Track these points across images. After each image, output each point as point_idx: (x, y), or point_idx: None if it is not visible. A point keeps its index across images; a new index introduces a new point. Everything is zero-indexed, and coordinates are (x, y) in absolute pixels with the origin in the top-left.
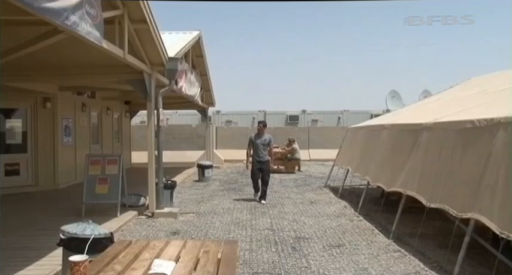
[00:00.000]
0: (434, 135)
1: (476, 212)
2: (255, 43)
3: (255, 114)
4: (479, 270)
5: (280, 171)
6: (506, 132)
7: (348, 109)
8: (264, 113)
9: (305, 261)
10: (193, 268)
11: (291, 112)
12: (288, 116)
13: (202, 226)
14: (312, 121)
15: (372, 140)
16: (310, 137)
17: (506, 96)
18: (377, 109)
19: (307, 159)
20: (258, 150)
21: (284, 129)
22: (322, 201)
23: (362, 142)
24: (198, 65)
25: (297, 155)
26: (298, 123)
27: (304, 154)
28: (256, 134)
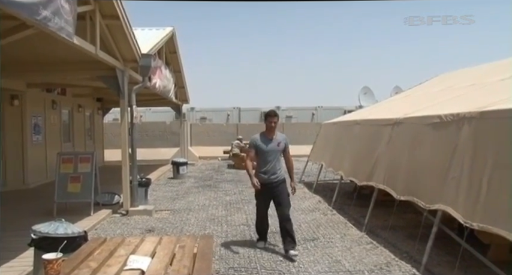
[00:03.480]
0: (404, 130)
1: (443, 204)
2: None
3: (229, 111)
4: (445, 258)
5: None
6: (471, 126)
7: (321, 105)
8: (239, 109)
9: (280, 255)
10: (169, 263)
11: (265, 109)
12: (263, 113)
13: (177, 223)
14: (286, 117)
15: (345, 135)
16: (285, 133)
17: (470, 92)
18: (350, 105)
19: None
20: (267, 161)
21: (259, 126)
22: (296, 196)
23: (335, 137)
24: (172, 62)
25: None
26: None
27: None
28: (264, 135)
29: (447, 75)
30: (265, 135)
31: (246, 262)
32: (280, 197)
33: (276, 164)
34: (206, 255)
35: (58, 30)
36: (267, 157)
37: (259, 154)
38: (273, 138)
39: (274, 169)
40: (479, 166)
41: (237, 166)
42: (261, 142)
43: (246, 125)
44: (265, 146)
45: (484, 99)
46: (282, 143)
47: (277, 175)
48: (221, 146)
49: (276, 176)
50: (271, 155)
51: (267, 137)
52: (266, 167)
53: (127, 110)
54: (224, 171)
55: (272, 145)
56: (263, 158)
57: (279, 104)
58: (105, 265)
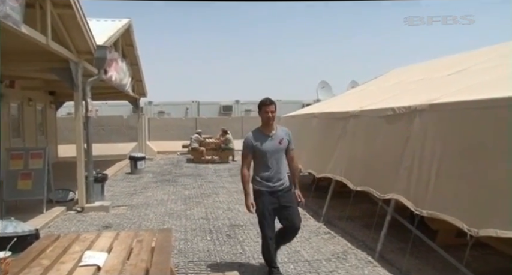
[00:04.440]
0: (360, 123)
1: (396, 193)
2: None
3: (188, 104)
4: (398, 245)
5: (214, 161)
6: (421, 118)
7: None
8: (198, 103)
9: (240, 247)
10: (127, 257)
11: (224, 102)
12: (222, 107)
13: (135, 218)
14: (245, 111)
15: (303, 128)
16: (244, 127)
17: (421, 86)
18: (308, 99)
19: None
20: (269, 166)
21: (218, 119)
22: None
23: (293, 130)
24: (129, 55)
25: (230, 145)
26: (231, 113)
27: (238, 144)
28: (260, 131)
29: (400, 70)
30: (261, 132)
31: (206, 256)
32: (288, 208)
33: (281, 167)
34: (164, 248)
35: (3, 18)
36: (267, 159)
37: (257, 157)
38: (272, 134)
39: (278, 175)
40: (429, 156)
41: (196, 160)
42: (257, 140)
43: (205, 119)
44: (264, 145)
45: (433, 92)
46: (284, 139)
47: (283, 180)
48: (180, 140)
49: (281, 182)
50: (273, 157)
51: (264, 134)
52: (268, 173)
53: (81, 103)
54: (183, 165)
55: (272, 143)
56: (263, 162)
57: (239, 97)
58: (59, 262)
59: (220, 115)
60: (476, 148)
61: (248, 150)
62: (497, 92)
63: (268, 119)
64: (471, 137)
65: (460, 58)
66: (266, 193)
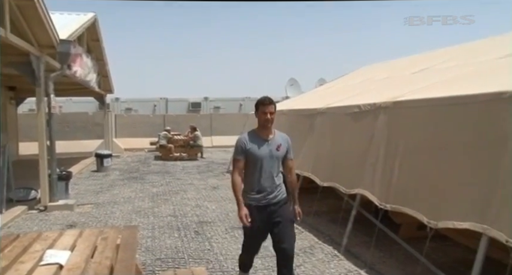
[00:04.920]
0: (326, 119)
1: (361, 188)
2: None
3: (156, 101)
4: (363, 239)
5: (182, 158)
6: (386, 115)
7: (249, 96)
8: (166, 100)
9: (208, 244)
10: (91, 255)
11: (193, 99)
12: (190, 103)
13: (101, 216)
14: (214, 108)
15: None
16: (213, 124)
17: (386, 84)
18: (277, 96)
19: (209, 146)
20: (262, 174)
21: (186, 116)
22: (224, 186)
23: None
24: (94, 50)
25: (199, 142)
26: (200, 110)
27: (206, 141)
28: (255, 134)
29: (367, 68)
30: (257, 135)
31: (173, 252)
32: (281, 226)
33: (275, 177)
34: (130, 245)
35: None
36: (261, 167)
37: (249, 164)
38: (269, 139)
39: (272, 185)
40: (392, 152)
41: (164, 157)
42: (251, 144)
43: (173, 116)
44: (259, 150)
45: (397, 90)
46: (283, 146)
47: (277, 193)
48: (148, 137)
49: (275, 195)
50: (268, 165)
51: (260, 137)
52: (260, 182)
53: (44, 99)
54: (151, 163)
55: (269, 148)
56: (256, 169)
57: (207, 94)
58: (18, 262)
59: (189, 112)
60: (436, 143)
61: (240, 154)
62: (457, 90)
63: (266, 121)
64: (432, 133)
65: (424, 57)
66: (255, 208)
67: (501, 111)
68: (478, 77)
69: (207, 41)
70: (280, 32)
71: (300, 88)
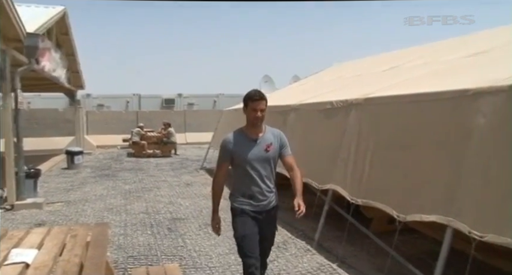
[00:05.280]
0: (299, 116)
1: (333, 183)
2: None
3: (128, 98)
4: (335, 233)
5: (156, 155)
6: (357, 111)
7: (223, 93)
8: (139, 96)
9: (181, 240)
10: (59, 253)
11: (166, 96)
12: (164, 100)
13: (71, 214)
14: (188, 105)
15: (245, 121)
16: (187, 121)
17: (358, 81)
18: None
19: (183, 142)
20: (252, 178)
21: (160, 113)
22: (198, 183)
23: (236, 123)
24: (64, 44)
25: (173, 138)
26: (174, 106)
27: (180, 138)
28: (243, 133)
29: (339, 66)
30: (245, 135)
31: (146, 250)
32: (264, 231)
33: (266, 180)
34: (100, 242)
35: None
36: (251, 171)
37: (238, 167)
38: (258, 138)
39: (262, 190)
40: (363, 147)
41: (137, 154)
42: (238, 145)
43: (146, 113)
44: (247, 152)
45: (369, 87)
46: (274, 145)
47: (269, 198)
48: (120, 134)
49: (268, 201)
50: (258, 168)
51: (248, 137)
52: (251, 188)
53: (10, 95)
54: (123, 160)
55: (258, 149)
56: (245, 174)
57: (181, 91)
58: None
59: (163, 108)
60: (404, 139)
61: (225, 157)
62: (425, 87)
63: (255, 119)
64: (401, 129)
65: (394, 55)
66: (249, 212)
67: (465, 108)
68: (444, 75)
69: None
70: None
71: (274, 85)
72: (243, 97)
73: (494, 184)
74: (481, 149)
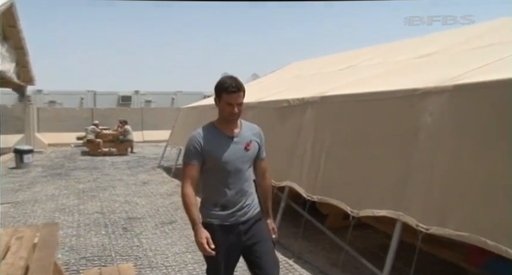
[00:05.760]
0: (257, 114)
1: (290, 180)
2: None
3: (83, 94)
4: (292, 230)
5: (111, 153)
6: (313, 109)
7: (181, 90)
8: (94, 93)
9: (137, 240)
10: (3, 256)
11: (123, 93)
12: (120, 97)
13: (20, 216)
14: (145, 102)
15: (203, 119)
16: (144, 119)
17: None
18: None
19: (140, 140)
20: (228, 183)
21: (116, 110)
22: (155, 181)
23: (194, 121)
24: (12, 37)
25: (129, 136)
26: (131, 104)
27: (137, 136)
28: (216, 128)
29: (297, 64)
30: (218, 131)
31: (100, 251)
32: (258, 247)
33: (246, 186)
34: (48, 243)
35: None
36: (226, 174)
37: (210, 170)
38: (235, 135)
39: (242, 198)
40: (319, 145)
41: (92, 153)
42: (211, 143)
43: (102, 110)
44: (222, 151)
45: (325, 85)
46: (253, 142)
47: (249, 207)
48: (74, 132)
49: (245, 211)
50: (236, 170)
51: (222, 134)
52: (226, 195)
53: None
54: (77, 158)
55: (236, 148)
56: (219, 177)
57: (138, 88)
58: None
59: (119, 106)
60: (358, 136)
61: (194, 157)
62: (378, 86)
63: (231, 115)
64: (355, 126)
65: (350, 54)
66: (219, 228)
67: (414, 107)
68: (396, 74)
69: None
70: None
71: None
72: (215, 86)
73: (438, 179)
74: (427, 147)
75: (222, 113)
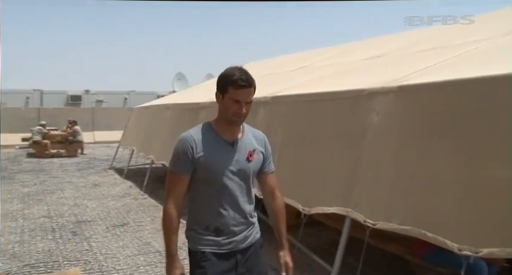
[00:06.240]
0: (210, 114)
1: None
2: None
3: (28, 93)
4: None
5: (60, 155)
6: (265, 109)
7: (134, 90)
8: (41, 92)
9: (86, 244)
10: None
11: (72, 92)
12: (69, 96)
13: None
14: (96, 102)
15: (157, 119)
16: (95, 119)
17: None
18: (164, 90)
19: (91, 141)
20: (222, 198)
21: (65, 110)
22: (106, 183)
23: (147, 121)
24: None
25: (79, 137)
26: (81, 103)
27: (88, 136)
28: (213, 131)
29: (251, 65)
30: (216, 134)
31: (46, 256)
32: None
33: (245, 204)
34: None
35: None
36: (222, 188)
37: (203, 182)
38: (236, 139)
39: (240, 220)
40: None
41: (38, 155)
42: (205, 149)
43: (49, 109)
44: (220, 159)
45: (277, 86)
46: (256, 152)
47: (248, 232)
48: (19, 133)
49: (245, 235)
50: (235, 185)
51: (221, 138)
52: (221, 216)
53: None
54: (22, 160)
55: (236, 156)
56: (213, 193)
57: (88, 87)
58: None
59: (68, 105)
60: (309, 136)
61: (183, 167)
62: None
63: (237, 115)
64: (306, 126)
65: (306, 55)
66: (213, 257)
67: (361, 107)
68: (346, 75)
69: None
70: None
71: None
72: (219, 78)
73: (384, 177)
74: (374, 145)
75: (224, 112)
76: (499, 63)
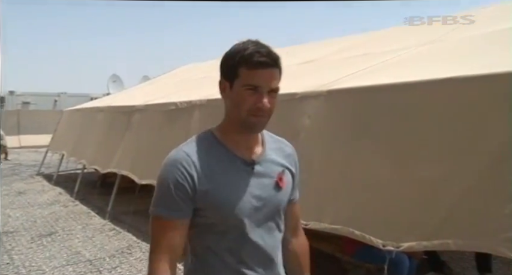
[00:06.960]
0: (145, 117)
1: None
2: None
3: None
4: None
5: None
6: (200, 112)
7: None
8: None
9: (7, 257)
10: None
11: None
12: None
13: None
14: (22, 104)
15: (89, 122)
16: (21, 122)
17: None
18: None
19: (17, 146)
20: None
21: None
22: (33, 190)
23: (78, 124)
24: None
25: (2, 142)
26: (4, 105)
27: (13, 141)
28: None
29: (188, 67)
30: (226, 149)
31: None
32: None
33: (274, 254)
34: None
35: None
36: (242, 236)
37: (211, 227)
38: (255, 157)
39: None
40: None
41: None
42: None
43: None
44: (239, 191)
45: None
46: (286, 173)
47: None
48: None
49: None
50: (261, 227)
51: (233, 155)
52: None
53: None
54: None
55: (260, 184)
56: (229, 242)
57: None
58: None
59: None
60: None
61: (176, 207)
62: None
63: (257, 111)
64: None
65: None
66: None
67: (294, 110)
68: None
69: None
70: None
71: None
72: (224, 58)
73: (315, 178)
74: (306, 147)
75: (235, 112)
76: (415, 70)
